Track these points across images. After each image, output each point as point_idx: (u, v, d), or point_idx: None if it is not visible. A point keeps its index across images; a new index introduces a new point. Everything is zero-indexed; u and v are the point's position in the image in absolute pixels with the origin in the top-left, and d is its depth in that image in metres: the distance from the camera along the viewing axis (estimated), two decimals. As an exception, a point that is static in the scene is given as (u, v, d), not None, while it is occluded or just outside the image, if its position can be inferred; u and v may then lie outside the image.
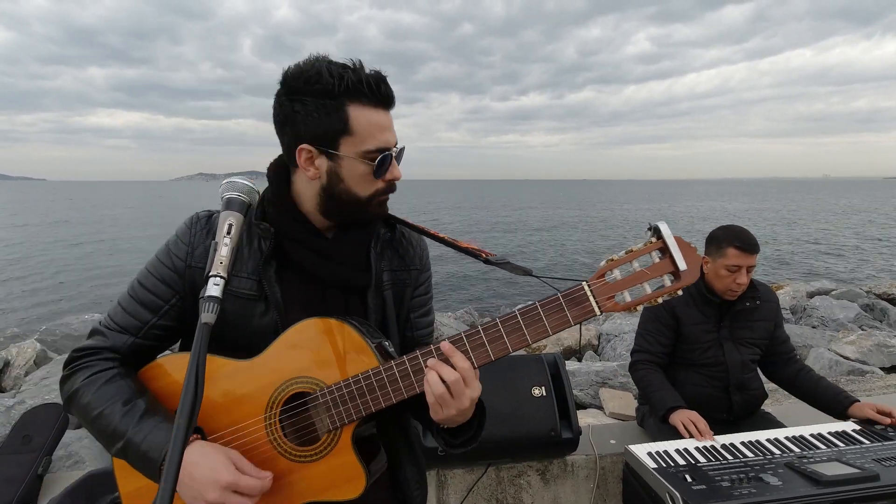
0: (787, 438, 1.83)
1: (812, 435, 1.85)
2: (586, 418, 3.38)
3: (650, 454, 1.74)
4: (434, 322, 1.35)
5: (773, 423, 2.17)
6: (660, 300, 0.94)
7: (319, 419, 1.05)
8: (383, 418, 1.16)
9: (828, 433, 1.86)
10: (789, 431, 1.89)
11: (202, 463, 0.94)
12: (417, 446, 1.29)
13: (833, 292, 9.25)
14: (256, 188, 0.97)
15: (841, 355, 5.45)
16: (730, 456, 1.72)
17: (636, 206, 54.86)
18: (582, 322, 0.96)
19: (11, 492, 1.89)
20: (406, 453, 1.23)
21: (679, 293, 0.95)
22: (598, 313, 0.94)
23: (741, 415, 2.25)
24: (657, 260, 0.95)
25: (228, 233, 0.90)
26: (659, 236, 0.94)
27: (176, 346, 1.17)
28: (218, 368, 1.05)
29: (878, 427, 1.86)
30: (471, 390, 0.97)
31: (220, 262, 0.87)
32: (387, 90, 1.04)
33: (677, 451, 1.76)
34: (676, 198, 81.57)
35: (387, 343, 1.11)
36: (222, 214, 0.92)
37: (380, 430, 1.17)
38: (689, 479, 1.55)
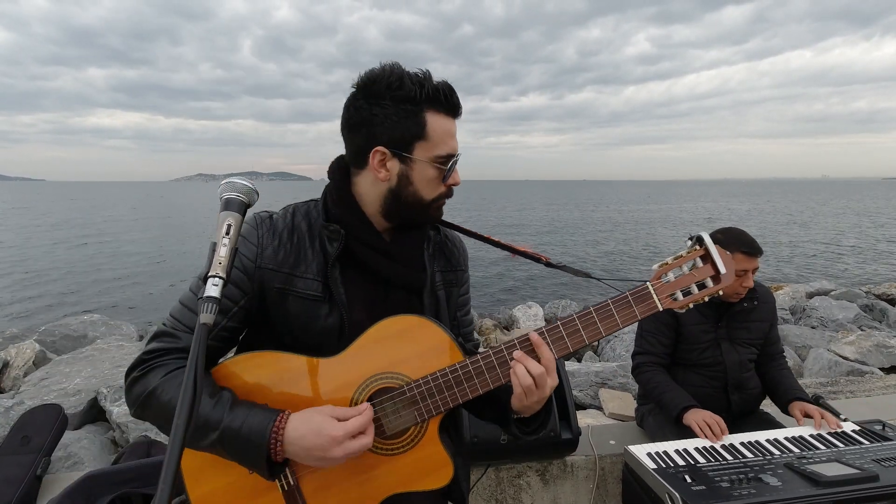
0: (787, 439, 1.83)
1: (811, 435, 1.85)
2: (586, 419, 3.38)
3: (650, 455, 1.74)
4: (473, 320, 1.43)
5: (773, 424, 2.17)
6: (706, 299, 1.10)
7: (406, 413, 1.09)
8: None
9: (827, 433, 1.86)
10: (789, 432, 1.89)
11: (306, 432, 0.97)
12: (463, 435, 1.36)
13: (832, 293, 9.26)
14: (255, 189, 0.97)
15: (840, 356, 5.44)
16: (729, 456, 1.72)
17: (636, 207, 54.90)
18: (645, 318, 1.09)
19: (10, 493, 1.89)
20: (458, 445, 1.27)
21: (720, 293, 1.11)
22: (660, 309, 1.08)
23: (739, 414, 2.26)
24: (700, 265, 1.10)
25: (227, 233, 0.90)
26: (702, 244, 1.10)
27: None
28: (299, 367, 1.08)
29: (877, 427, 1.87)
30: (552, 380, 1.06)
31: (220, 263, 0.87)
32: (457, 100, 1.12)
33: (677, 452, 1.76)
34: (677, 198, 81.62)
35: (461, 339, 1.17)
36: (221, 215, 0.92)
37: None
38: (689, 480, 1.55)
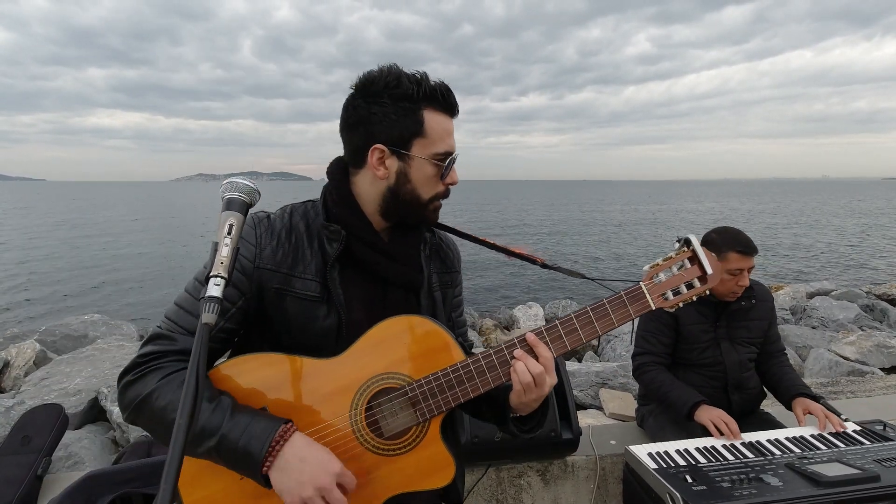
0: (788, 439, 1.83)
1: (812, 435, 1.85)
2: (586, 419, 3.38)
3: (650, 455, 1.74)
4: (466, 321, 1.43)
5: (774, 424, 2.17)
6: (694, 298, 1.14)
7: (406, 413, 1.09)
8: None
9: (828, 434, 1.86)
10: (789, 432, 1.89)
11: (310, 451, 0.97)
12: (459, 434, 1.34)
13: (833, 293, 9.26)
14: (257, 188, 0.97)
15: (841, 356, 5.44)
16: (730, 456, 1.72)
17: (636, 208, 54.89)
18: (639, 317, 1.13)
19: (11, 493, 1.89)
20: (456, 445, 1.27)
21: (707, 293, 1.15)
22: (653, 308, 1.11)
23: (740, 414, 2.25)
24: (689, 266, 1.14)
25: (229, 233, 0.89)
26: (689, 246, 1.14)
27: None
28: (298, 369, 1.07)
29: (878, 428, 1.86)
30: (550, 378, 1.08)
31: (221, 263, 0.86)
32: (454, 99, 1.13)
33: (678, 452, 1.76)
34: (678, 198, 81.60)
35: (460, 339, 1.17)
36: (223, 214, 0.92)
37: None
38: (690, 480, 1.55)
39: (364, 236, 1.13)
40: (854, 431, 1.86)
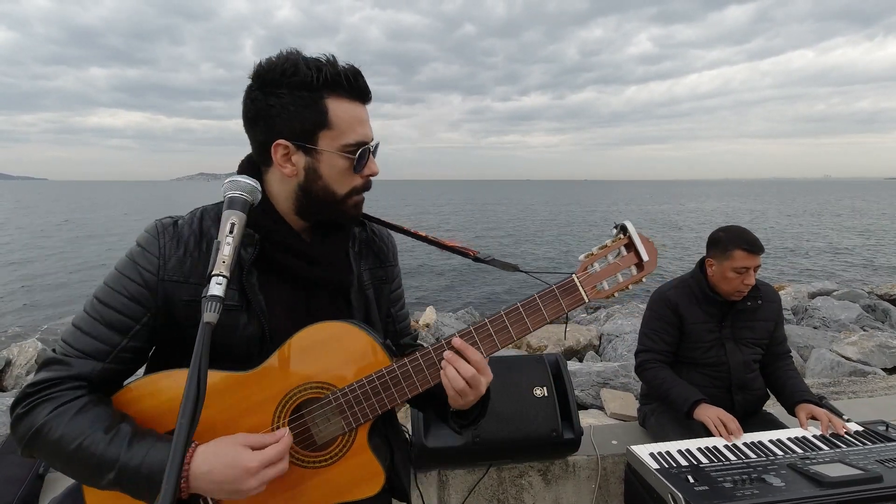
0: (790, 439, 1.83)
1: (815, 436, 1.85)
2: (587, 419, 3.38)
3: (652, 455, 1.73)
4: (409, 313, 1.38)
5: (776, 424, 2.17)
6: (630, 287, 1.10)
7: (332, 423, 1.06)
8: None
9: (830, 434, 1.86)
10: (792, 432, 1.89)
11: (214, 465, 0.90)
12: (401, 432, 1.32)
13: (834, 293, 9.24)
14: (259, 187, 0.97)
15: (842, 356, 5.43)
16: (732, 457, 1.71)
17: (639, 208, 54.82)
18: (572, 310, 1.08)
19: (12, 492, 1.89)
20: (394, 439, 1.25)
21: (644, 281, 1.10)
22: (587, 301, 1.07)
23: (743, 415, 2.25)
24: (625, 253, 1.09)
25: (231, 231, 0.89)
26: (626, 233, 1.09)
27: (140, 371, 1.09)
28: (216, 383, 1.00)
29: (881, 428, 1.86)
30: (485, 378, 1.04)
31: (223, 262, 0.85)
32: (364, 83, 1.04)
33: (679, 452, 1.76)
34: (677, 198, 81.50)
35: (388, 342, 1.11)
36: (225, 213, 0.91)
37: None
38: (692, 480, 1.54)
39: (280, 239, 1.06)
40: (856, 432, 1.86)
